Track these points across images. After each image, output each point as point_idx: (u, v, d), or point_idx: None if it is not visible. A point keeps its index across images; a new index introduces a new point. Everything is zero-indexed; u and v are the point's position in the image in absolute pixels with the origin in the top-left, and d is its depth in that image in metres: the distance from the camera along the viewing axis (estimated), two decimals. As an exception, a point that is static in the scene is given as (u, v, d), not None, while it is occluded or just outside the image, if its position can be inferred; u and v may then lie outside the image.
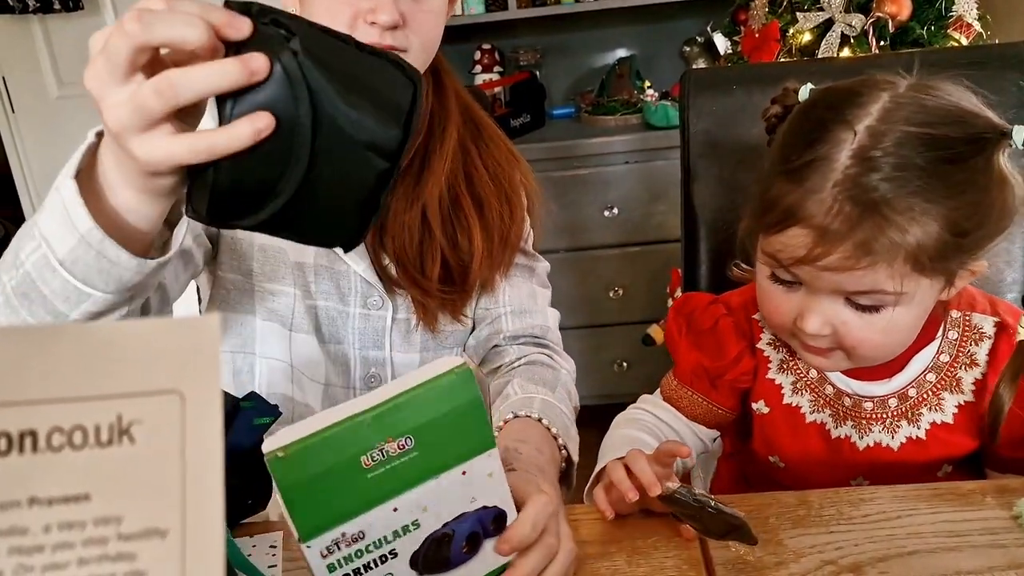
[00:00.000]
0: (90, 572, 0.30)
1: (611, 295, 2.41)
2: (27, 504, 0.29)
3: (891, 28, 1.59)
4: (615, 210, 2.30)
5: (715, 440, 1.00)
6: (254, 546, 0.72)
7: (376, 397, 0.53)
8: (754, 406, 0.92)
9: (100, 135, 0.61)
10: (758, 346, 0.92)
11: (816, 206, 0.72)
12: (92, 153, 0.61)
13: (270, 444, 0.50)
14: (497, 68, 2.68)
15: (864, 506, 0.74)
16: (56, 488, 0.29)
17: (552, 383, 0.96)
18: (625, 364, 2.48)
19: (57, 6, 2.31)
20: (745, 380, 0.93)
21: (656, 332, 2.23)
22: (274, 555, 0.72)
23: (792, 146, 0.77)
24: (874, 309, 0.76)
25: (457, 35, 2.64)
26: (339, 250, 0.87)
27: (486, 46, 2.69)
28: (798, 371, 0.90)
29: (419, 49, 0.88)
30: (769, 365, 0.92)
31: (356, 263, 0.94)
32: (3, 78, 2.47)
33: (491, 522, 0.60)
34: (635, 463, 0.72)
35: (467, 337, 1.04)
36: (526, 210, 1.04)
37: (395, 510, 0.55)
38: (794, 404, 0.90)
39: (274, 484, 0.51)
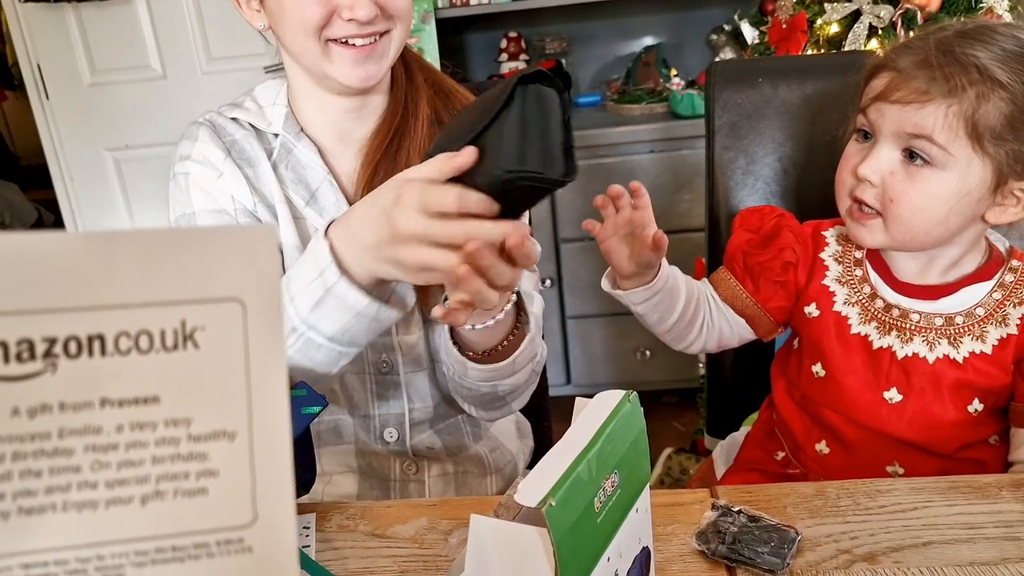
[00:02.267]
0: (164, 470, 0.31)
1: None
2: (99, 405, 0.30)
3: (920, 19, 1.58)
4: (640, 199, 2.31)
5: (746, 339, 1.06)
6: (287, 527, 0.75)
7: (581, 432, 0.50)
8: (806, 310, 0.99)
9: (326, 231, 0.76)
10: (820, 255, 1.00)
11: (908, 56, 0.85)
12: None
13: (531, 496, 0.45)
14: (523, 56, 2.69)
15: (880, 497, 0.75)
16: (126, 390, 0.31)
17: None
18: (648, 352, 2.49)
19: (91, -6, 2.35)
20: (789, 280, 1.00)
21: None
22: (307, 535, 0.74)
23: (915, 35, 0.91)
24: (922, 163, 0.85)
25: (483, 23, 2.65)
26: None
27: (512, 34, 2.69)
28: (852, 285, 0.97)
29: (398, 26, 0.90)
30: (827, 273, 0.99)
31: None
32: (38, 65, 2.51)
33: (645, 563, 0.58)
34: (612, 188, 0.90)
35: None
36: None
37: (608, 560, 0.51)
38: (843, 314, 0.97)
39: (548, 535, 0.45)
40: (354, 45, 0.88)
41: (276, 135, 0.97)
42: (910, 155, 0.86)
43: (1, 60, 3.15)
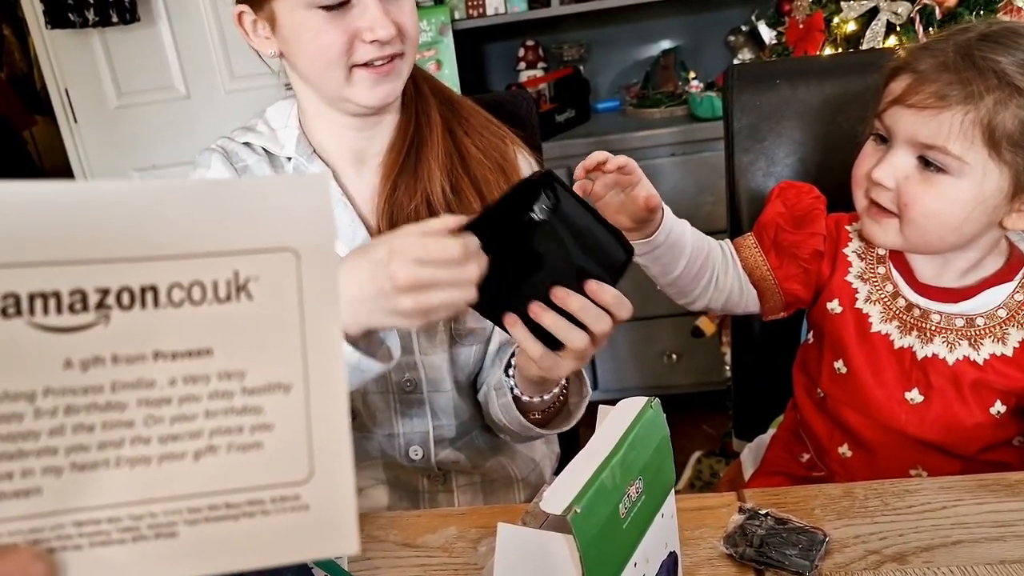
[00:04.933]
0: (218, 424, 0.31)
1: (659, 288, 2.42)
2: (152, 358, 0.30)
3: (938, 15, 1.57)
4: (661, 203, 2.31)
5: (752, 306, 1.05)
6: (319, 538, 0.76)
7: (604, 440, 0.51)
8: (828, 306, 0.98)
9: None
10: (843, 251, 0.99)
11: (929, 58, 0.84)
12: None
13: (555, 504, 0.46)
14: (541, 64, 2.70)
15: (909, 497, 0.75)
16: (179, 342, 0.30)
17: None
18: (674, 356, 2.48)
19: (115, 19, 2.38)
20: (813, 269, 0.99)
21: (705, 324, 2.23)
22: (338, 547, 0.75)
23: (938, 34, 0.90)
24: (937, 170, 0.84)
25: (500, 32, 2.67)
26: None
27: (530, 42, 2.70)
28: (875, 283, 0.97)
29: (411, 48, 0.92)
30: (849, 269, 0.98)
31: None
32: (66, 90, 2.56)
33: (673, 568, 0.58)
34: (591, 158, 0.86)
35: (487, 333, 1.02)
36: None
37: (635, 565, 0.52)
38: (864, 311, 0.96)
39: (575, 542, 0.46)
40: (375, 65, 0.89)
41: (289, 159, 0.98)
42: (925, 162, 0.85)
43: (30, 85, 3.21)
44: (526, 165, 1.03)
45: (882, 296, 0.96)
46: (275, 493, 0.31)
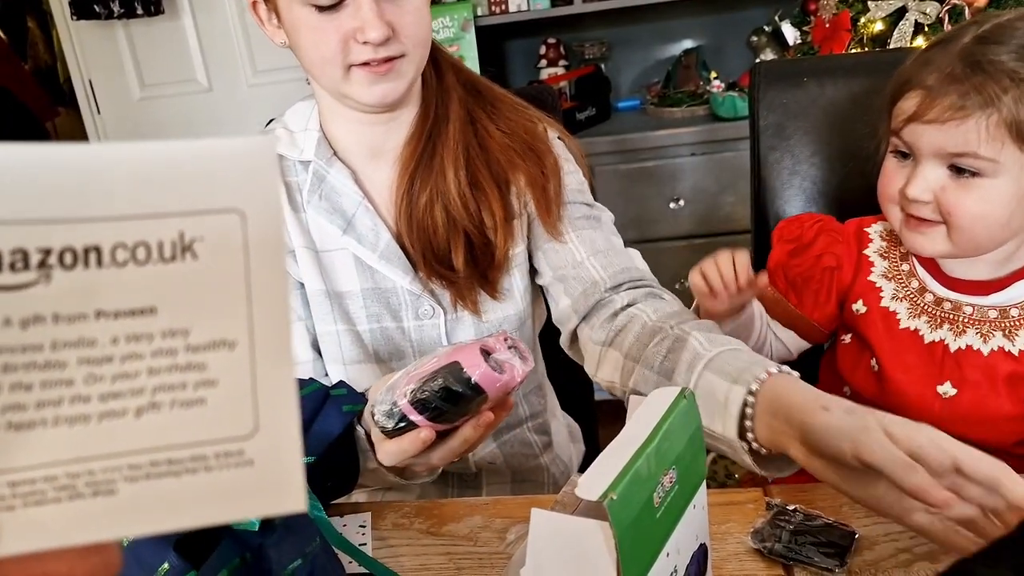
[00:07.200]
0: (161, 381, 0.30)
1: (678, 287, 2.41)
2: (94, 317, 0.29)
3: (967, 15, 1.56)
4: (681, 202, 2.30)
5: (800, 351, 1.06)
6: (344, 525, 0.76)
7: (638, 429, 0.51)
8: (853, 307, 0.98)
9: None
10: (865, 252, 0.99)
11: (933, 72, 0.84)
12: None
13: (591, 490, 0.46)
14: (562, 62, 2.70)
15: (939, 496, 0.74)
16: (122, 301, 0.30)
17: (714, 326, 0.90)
18: (692, 356, 2.47)
19: (140, 11, 2.40)
20: (832, 284, 0.99)
21: (723, 324, 2.22)
22: (363, 534, 0.76)
23: (930, 44, 0.90)
24: (971, 175, 0.83)
25: (522, 30, 2.67)
26: (383, 268, 0.95)
27: (551, 40, 2.70)
28: (900, 280, 0.96)
29: (413, 49, 0.88)
30: (872, 269, 0.98)
31: (401, 277, 0.95)
32: (89, 81, 2.58)
33: (703, 560, 0.58)
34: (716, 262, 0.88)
35: (519, 321, 1.00)
36: (570, 155, 1.01)
37: (667, 555, 0.51)
38: (891, 309, 0.96)
39: (610, 531, 0.46)
40: (371, 65, 0.86)
41: (308, 163, 0.96)
42: (957, 169, 0.84)
43: (53, 77, 3.24)
44: (560, 147, 1.01)
45: (908, 293, 0.95)
46: (218, 448, 0.31)
